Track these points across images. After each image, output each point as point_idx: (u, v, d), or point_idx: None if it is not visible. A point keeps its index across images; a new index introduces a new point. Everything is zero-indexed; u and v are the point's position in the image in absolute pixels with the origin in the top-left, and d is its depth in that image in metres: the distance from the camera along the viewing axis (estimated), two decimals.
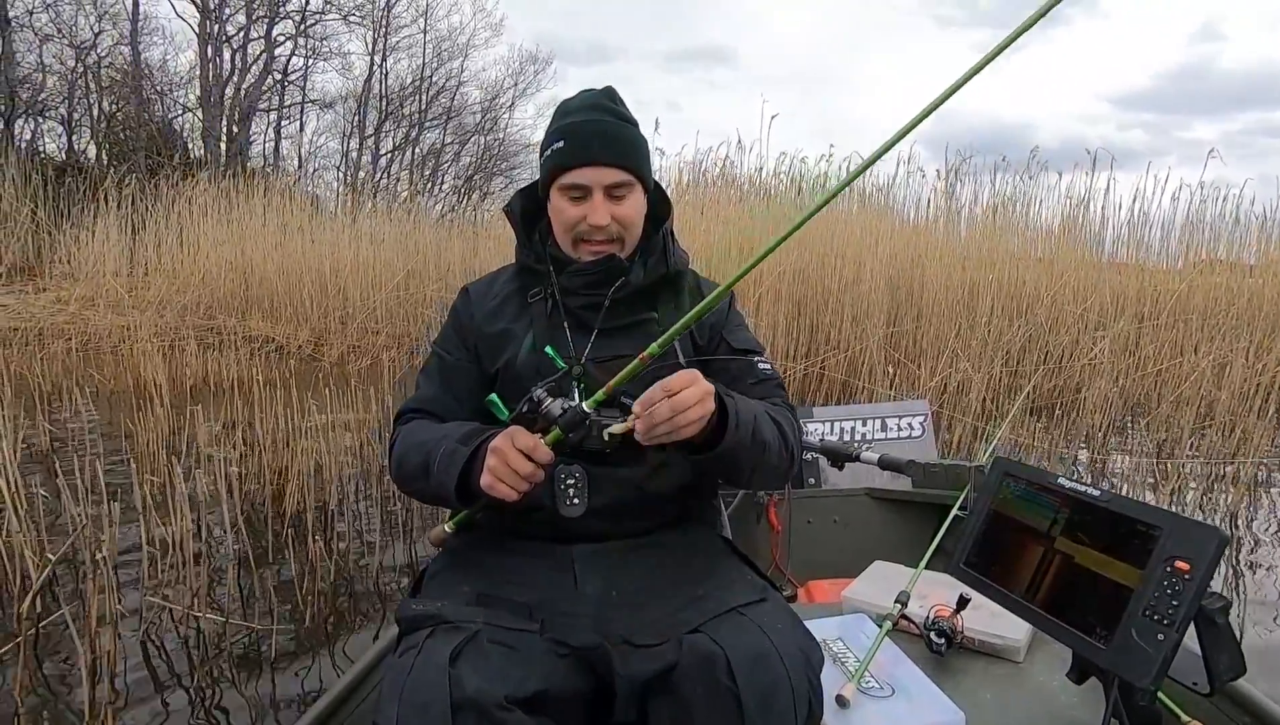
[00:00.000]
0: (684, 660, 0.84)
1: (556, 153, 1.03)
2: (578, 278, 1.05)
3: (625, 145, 1.04)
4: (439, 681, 0.77)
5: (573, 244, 1.05)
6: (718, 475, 1.04)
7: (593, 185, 1.02)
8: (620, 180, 1.03)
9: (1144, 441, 4.14)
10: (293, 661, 1.89)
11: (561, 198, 1.04)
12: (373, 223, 8.19)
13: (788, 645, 0.85)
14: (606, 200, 1.03)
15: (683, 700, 0.82)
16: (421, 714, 0.76)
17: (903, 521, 1.90)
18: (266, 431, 3.32)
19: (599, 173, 1.02)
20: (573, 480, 0.98)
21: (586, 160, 1.02)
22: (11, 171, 9.27)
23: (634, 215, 1.06)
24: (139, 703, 1.69)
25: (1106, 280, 5.31)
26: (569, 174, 1.02)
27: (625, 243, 1.06)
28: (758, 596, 0.93)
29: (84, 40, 13.53)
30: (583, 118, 1.04)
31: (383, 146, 16.71)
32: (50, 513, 2.43)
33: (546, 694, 0.83)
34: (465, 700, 0.76)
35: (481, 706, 0.77)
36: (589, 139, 1.02)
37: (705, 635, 0.85)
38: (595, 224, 1.02)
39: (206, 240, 7.58)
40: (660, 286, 1.09)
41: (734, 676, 0.80)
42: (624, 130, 1.05)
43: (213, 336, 6.12)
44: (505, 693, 0.79)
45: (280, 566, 2.37)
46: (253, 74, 15.14)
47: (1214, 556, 0.92)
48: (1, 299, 7.45)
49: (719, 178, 6.47)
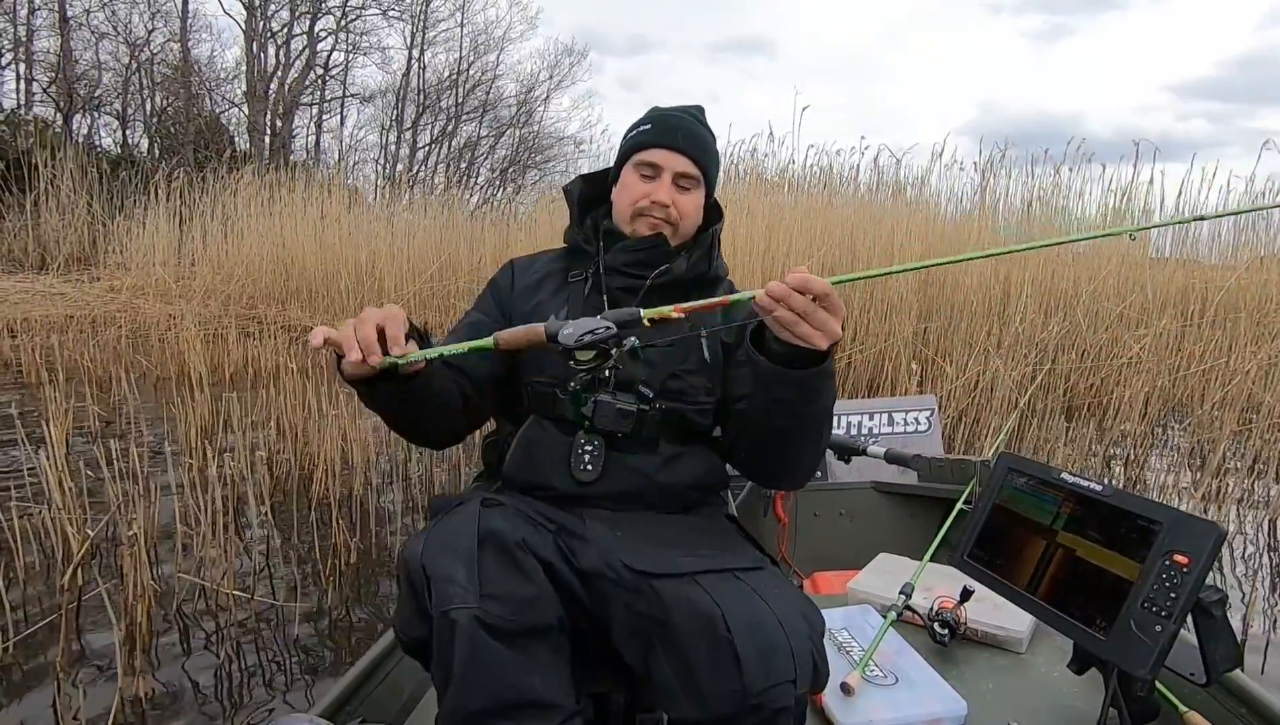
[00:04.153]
0: (682, 614, 0.86)
1: (641, 133, 1.12)
2: (624, 254, 1.10)
3: (704, 146, 1.13)
4: (469, 518, 0.89)
5: (631, 218, 1.11)
6: (775, 427, 0.98)
7: (665, 167, 1.10)
8: (690, 172, 1.10)
9: (1180, 442, 4.02)
10: (317, 639, 1.96)
11: (633, 173, 1.11)
12: (410, 215, 8.34)
13: (785, 609, 0.87)
14: (673, 185, 1.10)
15: (683, 654, 0.85)
16: (452, 540, 0.86)
17: (908, 515, 1.90)
18: (298, 418, 3.43)
19: (674, 158, 1.10)
20: (591, 447, 1.01)
21: (666, 143, 1.10)
22: (69, 165, 9.69)
23: (692, 209, 1.12)
24: (169, 673, 1.77)
25: (1149, 276, 5.14)
26: (646, 152, 1.10)
27: (678, 232, 1.11)
28: (755, 565, 0.96)
29: (138, 37, 14.04)
30: (674, 113, 1.14)
31: (420, 140, 17.00)
32: (94, 492, 2.55)
33: (556, 575, 0.90)
34: (490, 533, 0.86)
35: (503, 541, 0.86)
36: (674, 127, 1.11)
37: (704, 592, 0.87)
38: (658, 200, 1.09)
39: (250, 232, 7.81)
40: (698, 285, 1.12)
41: (731, 631, 0.82)
42: (705, 134, 1.14)
43: (253, 325, 6.32)
44: (528, 544, 0.88)
45: (307, 547, 2.45)
46: (296, 69, 15.54)
47: (1212, 551, 0.92)
48: (59, 288, 7.81)
49: (749, 171, 6.43)
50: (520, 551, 0.86)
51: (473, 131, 17.57)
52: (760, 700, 0.80)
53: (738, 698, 0.80)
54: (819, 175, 6.29)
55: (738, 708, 0.80)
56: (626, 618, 0.91)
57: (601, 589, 0.92)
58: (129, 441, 2.87)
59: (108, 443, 2.64)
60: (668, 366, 1.05)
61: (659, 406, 1.03)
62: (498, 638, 0.81)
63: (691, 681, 0.83)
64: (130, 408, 3.62)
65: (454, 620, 0.80)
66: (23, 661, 1.78)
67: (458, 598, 0.81)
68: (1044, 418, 3.77)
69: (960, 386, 4.04)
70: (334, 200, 8.07)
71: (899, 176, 6.22)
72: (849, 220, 5.47)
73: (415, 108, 16.79)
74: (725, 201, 1.17)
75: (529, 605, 0.84)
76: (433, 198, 9.18)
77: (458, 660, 0.80)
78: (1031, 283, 4.86)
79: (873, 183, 6.22)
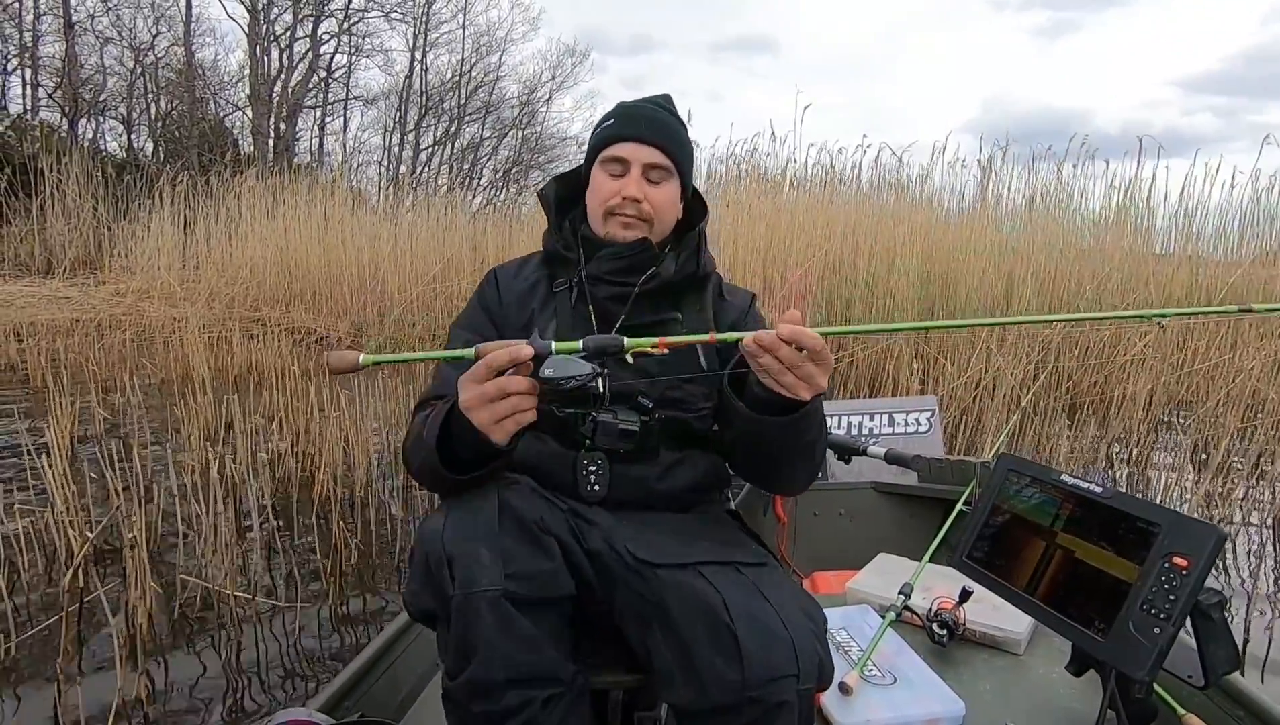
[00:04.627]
0: (683, 600, 0.87)
1: (605, 129, 1.08)
2: (607, 262, 1.05)
3: (672, 134, 1.07)
4: (490, 495, 0.89)
5: (603, 218, 1.06)
6: (762, 453, 0.98)
7: (632, 161, 1.05)
8: (659, 162, 1.05)
9: (1183, 440, 4.00)
10: (317, 639, 1.97)
11: (601, 172, 1.07)
12: (413, 216, 8.36)
13: (788, 605, 0.87)
14: (643, 179, 1.05)
15: (683, 639, 0.85)
16: (472, 519, 0.87)
17: (908, 516, 1.90)
18: (300, 419, 3.43)
19: (640, 150, 1.05)
20: (595, 467, 1.00)
21: (631, 136, 1.05)
22: (75, 170, 9.73)
23: (666, 203, 1.07)
24: (170, 673, 1.78)
25: (1153, 272, 5.11)
26: (612, 147, 1.06)
27: (654, 228, 1.06)
28: (757, 560, 0.96)
29: (142, 42, 14.10)
30: (637, 104, 1.10)
31: (423, 141, 17.03)
32: (98, 494, 2.56)
33: (569, 551, 0.91)
34: (510, 510, 0.87)
35: (522, 518, 0.87)
36: (637, 118, 1.06)
37: (706, 581, 0.88)
38: (628, 195, 1.04)
39: (254, 235, 7.83)
40: (687, 286, 1.09)
41: (733, 621, 0.83)
42: (673, 122, 1.09)
43: (257, 327, 6.33)
44: (545, 521, 0.89)
45: (308, 549, 2.46)
46: (299, 72, 15.59)
47: (1212, 553, 0.92)
48: (65, 291, 7.83)
49: (749, 170, 6.41)
50: (539, 528, 0.88)
51: (475, 133, 17.62)
52: (760, 694, 0.80)
53: (737, 688, 0.80)
54: (820, 174, 6.27)
55: (737, 698, 0.80)
56: (630, 599, 0.92)
57: (608, 570, 0.93)
58: (132, 443, 2.88)
59: (111, 445, 2.65)
60: (667, 375, 1.03)
61: (659, 416, 1.01)
62: (521, 610, 0.83)
63: (691, 667, 0.83)
64: (134, 410, 3.64)
65: (480, 599, 0.82)
66: (25, 662, 1.79)
67: (484, 578, 0.82)
68: (1046, 417, 3.76)
69: (962, 385, 4.02)
70: (337, 202, 8.09)
71: (901, 175, 6.21)
72: (850, 218, 5.46)
73: (418, 110, 16.83)
74: (725, 201, 1.16)
75: (550, 579, 0.86)
76: (435, 199, 9.18)
77: (482, 636, 0.82)
78: (1034, 279, 4.84)
79: (874, 181, 6.20)
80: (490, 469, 0.88)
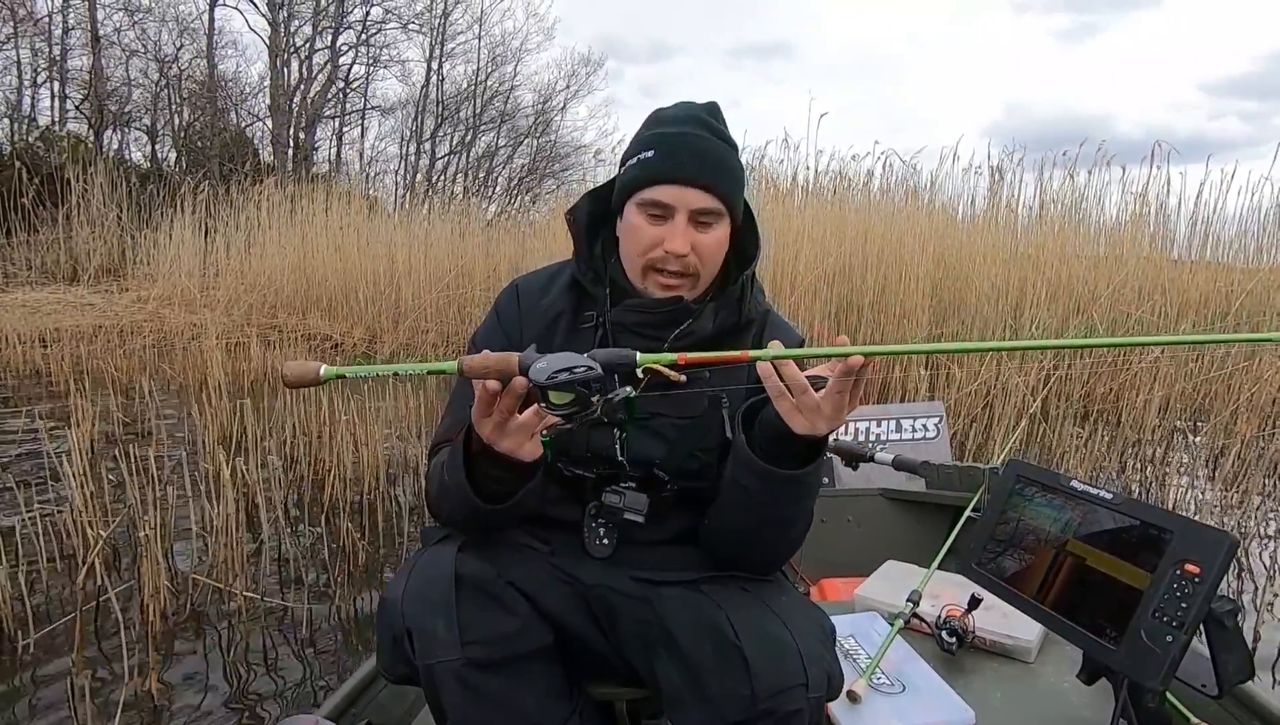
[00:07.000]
0: (687, 621, 0.86)
1: (643, 163, 0.91)
2: (633, 314, 0.94)
3: (722, 169, 0.91)
4: (446, 561, 0.86)
5: (642, 272, 0.93)
6: (740, 507, 0.89)
7: (678, 206, 0.89)
8: (709, 207, 0.90)
9: (1198, 449, 3.94)
10: (328, 641, 1.99)
11: (639, 215, 0.91)
12: (428, 224, 8.43)
13: (793, 615, 0.86)
14: (690, 226, 0.89)
15: (690, 661, 0.84)
16: (429, 585, 0.85)
17: (916, 522, 1.88)
18: (313, 424, 3.47)
19: (687, 194, 0.89)
20: (603, 530, 0.96)
21: (676, 177, 0.89)
22: (100, 180, 9.93)
23: (715, 250, 0.93)
24: (181, 671, 1.81)
25: (1171, 279, 5.04)
26: (653, 189, 0.89)
27: (699, 280, 0.93)
28: (763, 576, 0.95)
29: (166, 55, 14.37)
30: (679, 130, 0.91)
31: (439, 150, 17.19)
32: (115, 495, 2.60)
33: (547, 601, 0.89)
34: (467, 575, 0.85)
35: (480, 580, 0.85)
36: (683, 154, 0.89)
37: (709, 598, 0.87)
38: (673, 251, 0.89)
39: (273, 243, 7.93)
40: (724, 338, 0.95)
41: (739, 637, 0.82)
42: (723, 152, 0.92)
43: (274, 334, 6.41)
44: (508, 577, 0.86)
45: (319, 549, 2.48)
46: (318, 83, 15.81)
47: (1224, 560, 0.91)
48: (89, 299, 7.99)
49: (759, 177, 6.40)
50: (498, 586, 0.85)
51: (491, 141, 17.75)
52: (771, 705, 0.79)
53: (747, 703, 0.79)
54: (830, 180, 6.26)
55: (748, 713, 0.79)
56: (632, 627, 0.90)
57: (606, 599, 0.92)
58: (149, 446, 2.92)
59: (129, 447, 2.69)
60: (686, 444, 0.94)
61: (672, 487, 0.94)
62: (487, 673, 0.82)
63: (700, 687, 0.82)
64: (152, 414, 3.69)
65: (440, 672, 0.81)
66: (41, 658, 1.82)
67: (440, 650, 0.81)
68: (1057, 423, 3.71)
69: (971, 391, 3.98)
70: (354, 211, 8.18)
71: (913, 181, 6.17)
72: (861, 222, 5.43)
73: (434, 119, 16.99)
74: None
75: (514, 638, 0.85)
76: (451, 207, 9.26)
77: (450, 705, 0.82)
78: (1047, 285, 4.78)
79: (886, 186, 6.18)
80: (526, 491, 0.84)
